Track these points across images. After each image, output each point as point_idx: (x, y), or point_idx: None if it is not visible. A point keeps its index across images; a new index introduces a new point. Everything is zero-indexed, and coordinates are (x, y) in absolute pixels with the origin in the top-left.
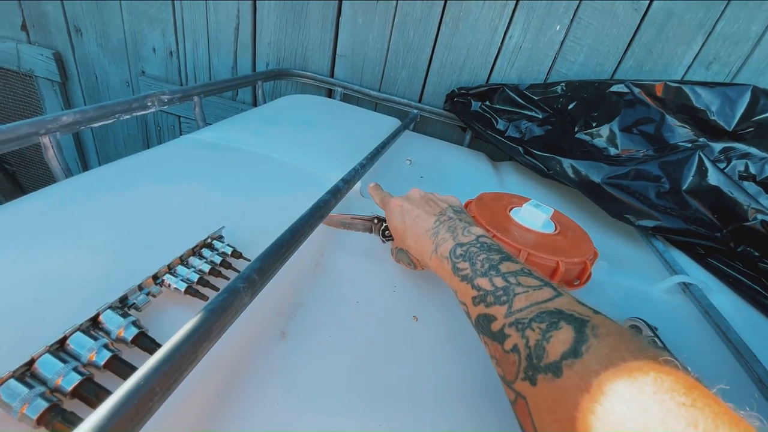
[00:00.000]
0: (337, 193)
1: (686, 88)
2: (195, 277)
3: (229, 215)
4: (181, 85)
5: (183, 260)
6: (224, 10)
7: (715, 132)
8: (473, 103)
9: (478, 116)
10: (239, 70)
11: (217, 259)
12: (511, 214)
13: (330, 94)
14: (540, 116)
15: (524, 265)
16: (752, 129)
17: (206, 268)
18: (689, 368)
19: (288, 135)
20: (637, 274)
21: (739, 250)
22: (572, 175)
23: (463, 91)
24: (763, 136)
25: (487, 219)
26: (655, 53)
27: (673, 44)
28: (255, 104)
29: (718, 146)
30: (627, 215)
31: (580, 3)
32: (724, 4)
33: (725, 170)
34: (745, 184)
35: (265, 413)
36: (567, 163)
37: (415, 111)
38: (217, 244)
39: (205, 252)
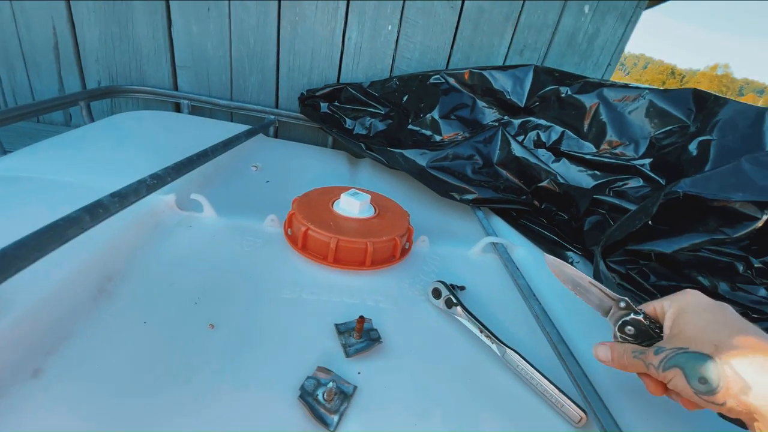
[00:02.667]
0: (96, 208)
1: (486, 73)
2: None
3: None
4: None
5: None
6: (37, 29)
7: (513, 110)
8: (322, 104)
9: (327, 117)
10: (67, 91)
11: None
12: (333, 206)
13: (178, 107)
14: (382, 111)
15: None
16: (538, 103)
17: None
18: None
19: (105, 157)
20: (459, 243)
21: (543, 207)
22: (404, 164)
23: (311, 93)
24: (547, 109)
25: (305, 214)
26: (476, 46)
27: (489, 36)
28: None
29: (517, 121)
30: (452, 193)
31: (404, 3)
32: None
33: (523, 141)
34: (540, 151)
35: None
36: (399, 153)
37: (272, 117)
38: None
39: None
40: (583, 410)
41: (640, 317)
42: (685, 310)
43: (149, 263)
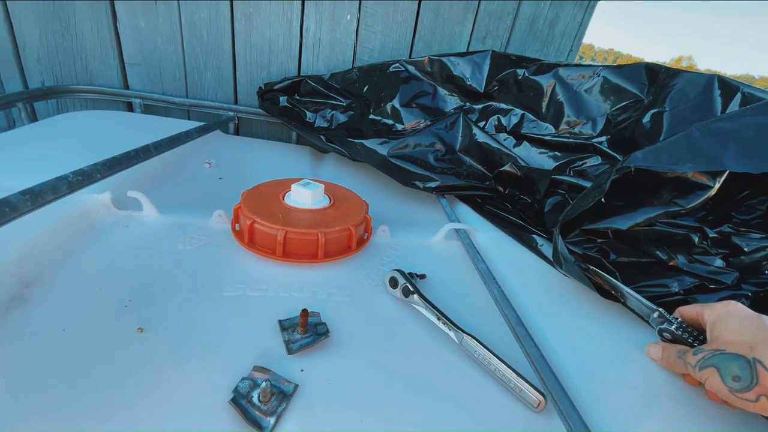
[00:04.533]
0: (2, 207)
1: (445, 60)
2: None
3: None
4: None
5: None
6: None
7: (473, 95)
8: (281, 98)
9: (286, 111)
10: None
11: None
12: (284, 198)
13: (131, 107)
14: (344, 103)
15: None
16: (497, 87)
17: None
18: None
19: (37, 158)
20: (422, 231)
21: (507, 192)
22: (366, 155)
23: (269, 87)
24: (506, 92)
25: (251, 206)
26: (438, 33)
27: (450, 24)
28: None
29: (478, 107)
30: (415, 181)
31: None
32: None
33: (485, 127)
34: (501, 135)
35: None
36: (360, 144)
37: (231, 113)
38: None
39: None
40: (542, 394)
41: (672, 327)
42: (724, 318)
43: (77, 266)
